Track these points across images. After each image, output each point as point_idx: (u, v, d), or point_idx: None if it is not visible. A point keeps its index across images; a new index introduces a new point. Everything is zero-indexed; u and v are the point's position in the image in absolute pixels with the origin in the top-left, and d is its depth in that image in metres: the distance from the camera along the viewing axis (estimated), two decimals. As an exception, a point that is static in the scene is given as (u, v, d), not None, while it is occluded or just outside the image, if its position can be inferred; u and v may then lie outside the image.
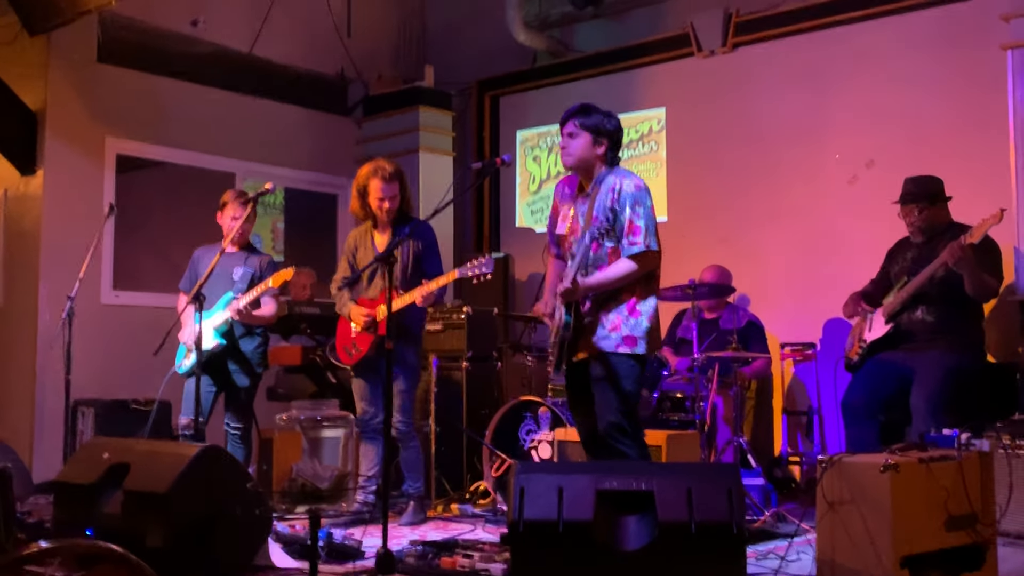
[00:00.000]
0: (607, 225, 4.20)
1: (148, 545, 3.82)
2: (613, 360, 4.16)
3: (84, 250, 6.10)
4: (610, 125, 4.33)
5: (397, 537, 4.78)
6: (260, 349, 5.83)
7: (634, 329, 4.18)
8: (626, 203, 4.17)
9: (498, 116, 8.80)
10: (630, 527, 3.25)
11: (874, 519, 3.27)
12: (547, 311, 4.39)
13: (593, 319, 4.21)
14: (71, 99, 7.20)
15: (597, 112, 4.34)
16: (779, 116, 7.08)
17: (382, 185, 5.39)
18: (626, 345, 4.16)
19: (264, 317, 5.75)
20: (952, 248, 5.08)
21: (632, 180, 4.25)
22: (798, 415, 6.79)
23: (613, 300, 4.21)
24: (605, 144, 4.30)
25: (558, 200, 4.54)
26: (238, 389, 5.75)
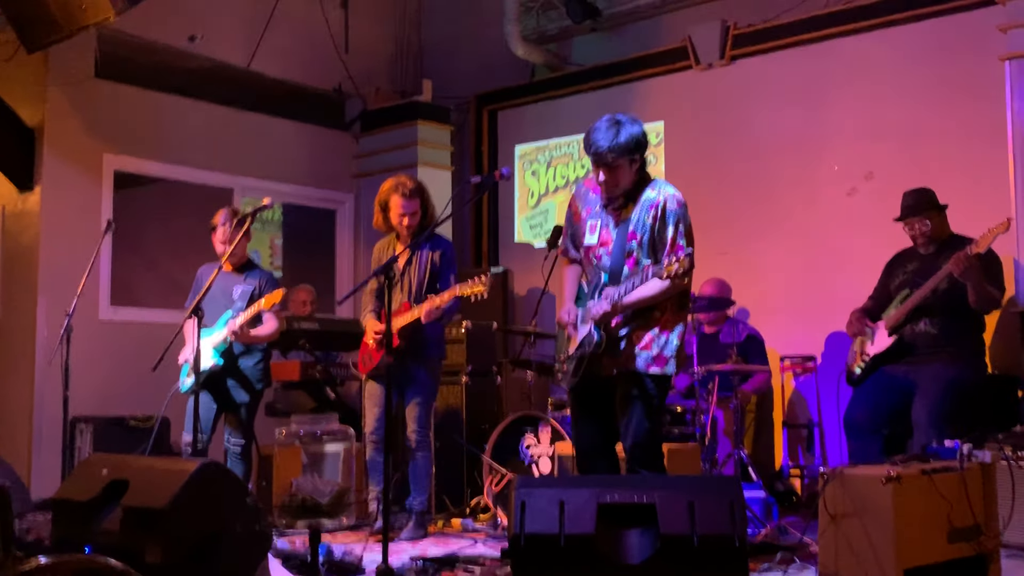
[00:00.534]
0: (647, 242, 4.10)
1: (147, 561, 3.79)
2: (643, 381, 4.09)
3: (82, 266, 6.09)
4: (641, 134, 4.11)
5: (397, 552, 4.75)
6: (260, 366, 5.81)
7: (664, 348, 4.10)
8: (670, 221, 4.07)
9: (496, 130, 8.81)
10: (632, 540, 3.23)
11: (877, 531, 3.26)
12: (571, 319, 4.24)
13: (624, 337, 4.13)
14: (69, 115, 7.20)
15: (625, 126, 4.07)
16: (777, 128, 7.08)
17: (403, 201, 5.39)
18: (657, 365, 4.09)
19: (263, 336, 5.73)
20: (958, 258, 5.06)
21: (675, 195, 4.12)
22: (799, 428, 6.78)
23: (644, 317, 4.12)
24: (640, 159, 4.13)
25: (580, 205, 4.35)
26: (237, 406, 5.73)
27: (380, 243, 5.69)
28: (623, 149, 4.04)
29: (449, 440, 6.39)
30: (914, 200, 5.52)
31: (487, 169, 8.61)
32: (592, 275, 4.24)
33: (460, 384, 6.55)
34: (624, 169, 4.09)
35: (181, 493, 3.91)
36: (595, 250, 4.22)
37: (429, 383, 5.47)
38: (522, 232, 8.51)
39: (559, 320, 4.33)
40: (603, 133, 4.06)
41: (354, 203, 8.91)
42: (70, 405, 5.99)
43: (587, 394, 4.27)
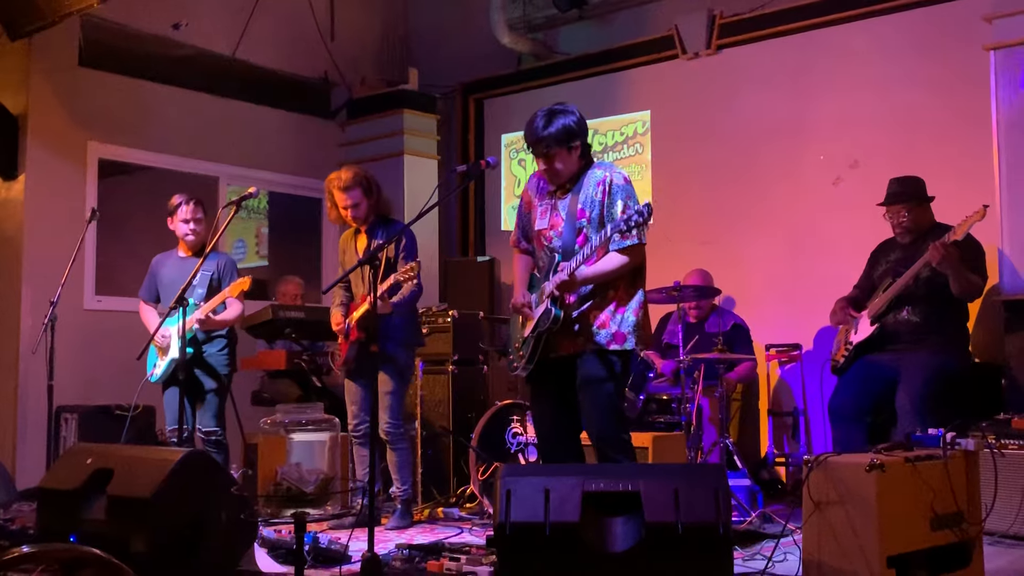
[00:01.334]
0: (596, 219, 4.17)
1: (132, 551, 3.79)
2: (604, 358, 4.14)
3: (66, 255, 6.06)
4: (574, 123, 4.24)
5: (383, 541, 4.76)
6: (225, 351, 5.79)
7: (622, 325, 4.16)
8: (617, 196, 4.17)
9: (483, 119, 8.80)
10: (617, 529, 3.23)
11: (860, 519, 3.27)
12: (526, 301, 4.31)
13: (580, 317, 4.18)
14: (53, 103, 7.15)
15: (557, 117, 4.22)
16: (763, 117, 7.10)
17: (340, 195, 5.48)
18: (616, 342, 4.14)
19: (228, 321, 5.73)
20: (935, 247, 5.09)
21: (620, 173, 4.25)
22: (784, 416, 6.80)
23: (599, 296, 4.19)
24: (579, 145, 4.26)
25: (532, 195, 4.47)
26: (205, 393, 5.71)
27: (344, 234, 5.74)
28: (555, 138, 4.19)
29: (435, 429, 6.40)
30: (897, 188, 5.55)
31: (473, 158, 8.59)
32: (544, 259, 4.30)
33: (446, 373, 6.55)
34: (562, 157, 4.23)
35: (166, 482, 3.91)
36: (546, 233, 4.31)
37: (395, 375, 5.43)
38: (508, 221, 8.51)
39: (513, 304, 4.37)
40: (537, 124, 4.24)
41: (340, 192, 8.87)
42: (55, 394, 5.98)
43: (545, 378, 4.30)
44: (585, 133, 4.29)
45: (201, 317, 5.51)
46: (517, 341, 4.36)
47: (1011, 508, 4.64)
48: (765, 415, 6.79)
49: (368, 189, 5.48)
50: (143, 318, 5.93)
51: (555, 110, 4.25)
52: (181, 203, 5.81)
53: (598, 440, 4.15)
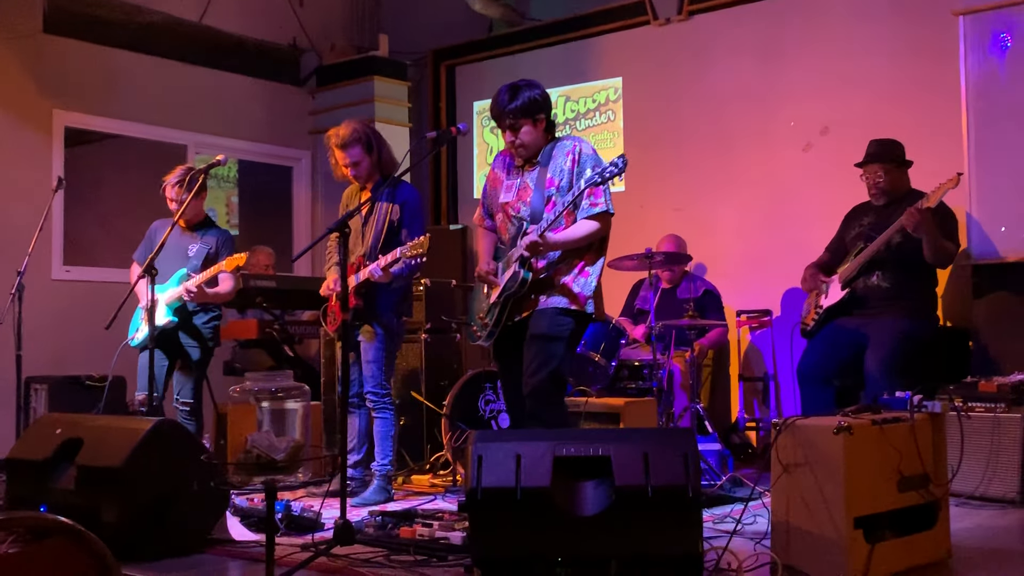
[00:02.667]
0: (565, 187, 4.20)
1: (103, 520, 3.79)
2: (557, 316, 4.16)
3: (33, 225, 6.00)
4: (539, 96, 4.28)
5: (357, 509, 4.77)
6: (212, 324, 5.76)
7: (584, 288, 4.20)
8: (587, 164, 4.19)
9: (454, 86, 8.74)
10: (587, 492, 3.25)
11: (828, 481, 3.30)
12: (492, 268, 4.33)
13: (547, 278, 4.21)
14: (17, 71, 7.06)
15: (522, 91, 4.26)
16: (734, 84, 7.09)
17: (339, 153, 5.26)
18: (575, 303, 4.18)
19: (220, 295, 5.66)
20: (910, 212, 5.12)
21: (589, 144, 4.31)
22: (754, 381, 6.86)
23: (565, 261, 4.23)
24: (543, 120, 4.30)
25: (498, 170, 4.49)
26: (190, 362, 5.68)
27: (349, 190, 5.51)
28: (520, 111, 4.23)
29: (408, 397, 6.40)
30: (875, 149, 5.56)
31: (445, 125, 8.55)
32: (511, 230, 4.33)
33: (419, 341, 6.54)
34: (528, 129, 4.27)
35: (136, 452, 3.91)
36: (513, 204, 4.33)
37: (383, 343, 5.27)
38: (480, 188, 8.48)
39: (478, 272, 4.39)
40: (502, 98, 4.28)
41: (310, 160, 8.84)
42: (23, 365, 5.93)
43: (509, 345, 4.31)
44: (549, 107, 4.34)
45: (192, 289, 5.45)
46: (481, 311, 4.38)
47: (977, 470, 4.71)
48: (736, 380, 6.84)
49: (368, 146, 5.23)
50: (132, 277, 5.82)
51: (519, 84, 4.30)
52: (169, 180, 5.69)
53: (530, 395, 4.12)
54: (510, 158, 4.44)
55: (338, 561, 3.72)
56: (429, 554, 3.77)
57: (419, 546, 3.86)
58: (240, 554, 3.97)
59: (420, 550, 3.82)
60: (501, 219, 4.41)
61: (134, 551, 3.71)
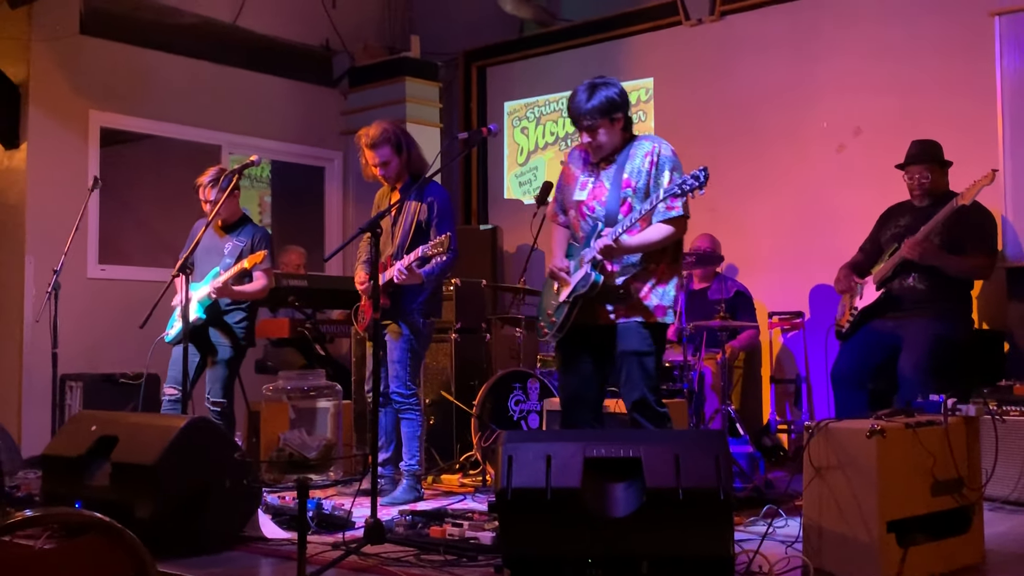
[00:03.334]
0: (642, 188, 4.15)
1: (136, 517, 3.82)
2: (643, 330, 4.13)
3: (69, 224, 6.07)
4: (617, 95, 4.19)
5: (387, 508, 4.79)
6: (244, 323, 5.76)
7: (663, 298, 4.15)
8: (665, 167, 4.15)
9: (485, 87, 8.76)
10: (618, 494, 3.24)
11: (860, 484, 3.28)
12: (564, 266, 4.27)
13: (621, 286, 4.15)
14: (54, 72, 7.14)
15: (599, 90, 4.17)
16: (766, 84, 7.06)
17: (369, 153, 5.28)
18: (656, 315, 4.13)
19: (248, 293, 5.67)
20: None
21: (668, 145, 4.23)
22: (786, 383, 6.82)
23: (642, 267, 4.16)
24: (621, 118, 4.21)
25: (574, 167, 4.40)
26: (220, 361, 5.70)
27: (380, 191, 5.52)
28: (598, 111, 4.15)
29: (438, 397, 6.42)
30: (919, 149, 5.51)
31: (475, 126, 8.56)
32: (585, 229, 4.25)
33: (449, 341, 6.56)
34: (606, 129, 4.19)
35: (170, 449, 3.94)
36: (588, 203, 4.26)
37: (408, 343, 5.24)
38: (511, 189, 8.50)
39: (550, 269, 4.32)
40: (579, 97, 4.19)
41: (342, 160, 8.88)
42: (59, 363, 6.00)
43: (576, 346, 4.27)
44: (627, 105, 4.25)
45: (219, 285, 5.48)
46: (549, 307, 4.32)
47: (1011, 474, 4.66)
48: (767, 382, 6.81)
49: (398, 146, 5.26)
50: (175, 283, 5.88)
51: (597, 83, 4.21)
52: (202, 181, 5.73)
53: (635, 407, 4.13)
54: (587, 154, 4.35)
55: (369, 560, 3.74)
56: (459, 554, 3.78)
57: (449, 546, 3.87)
58: (271, 552, 3.99)
59: (450, 550, 3.82)
60: (575, 216, 4.33)
61: (167, 548, 3.74)
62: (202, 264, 5.53)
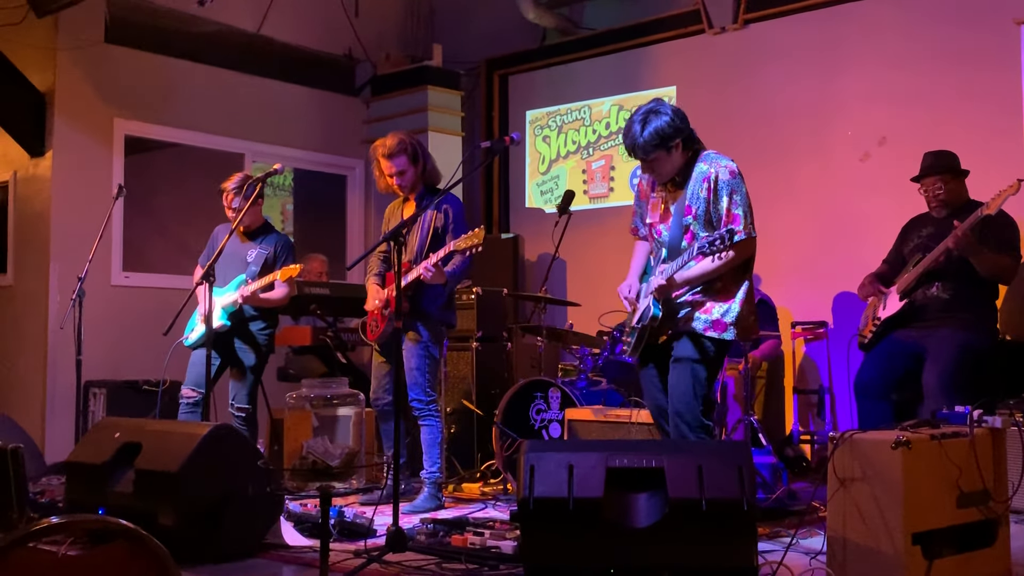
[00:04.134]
0: (702, 215, 4.13)
1: (160, 524, 3.84)
2: (696, 341, 4.12)
3: (94, 231, 6.12)
4: (667, 125, 4.07)
5: (409, 516, 4.79)
6: (267, 331, 5.79)
7: (725, 314, 4.12)
8: (723, 192, 4.10)
9: (507, 96, 8.77)
10: (640, 504, 3.24)
11: (885, 496, 3.26)
12: (631, 295, 4.33)
13: (685, 306, 4.17)
14: (79, 80, 7.19)
15: (651, 120, 4.07)
16: (790, 93, 7.04)
17: (385, 163, 5.34)
18: (715, 329, 4.11)
19: (272, 300, 5.71)
20: (955, 234, 5.05)
21: (727, 166, 4.14)
22: (809, 394, 6.78)
23: (704, 290, 4.16)
24: (679, 143, 4.13)
25: (645, 183, 4.42)
26: (244, 368, 5.72)
27: (391, 205, 5.60)
28: (651, 145, 4.08)
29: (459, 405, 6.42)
30: (932, 161, 5.48)
31: (497, 135, 8.57)
32: (656, 251, 4.33)
33: (470, 350, 6.56)
34: (663, 159, 4.15)
35: (193, 456, 3.95)
36: (656, 226, 4.31)
37: (426, 349, 5.30)
38: (533, 198, 8.50)
39: (621, 293, 4.41)
40: (634, 130, 4.11)
41: (364, 168, 8.89)
42: (83, 369, 6.04)
43: (648, 361, 4.35)
44: (682, 130, 4.14)
45: (247, 294, 5.51)
46: (628, 325, 4.40)
47: (1038, 487, 4.61)
48: (790, 393, 6.77)
49: (414, 156, 5.32)
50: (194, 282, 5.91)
51: (649, 112, 4.11)
52: (225, 189, 5.77)
53: (676, 415, 4.14)
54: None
55: (390, 568, 3.74)
56: (481, 563, 3.77)
57: (471, 555, 3.86)
58: (293, 559, 4.00)
59: (472, 559, 3.82)
60: (648, 235, 4.39)
61: (189, 555, 3.75)
62: (225, 271, 5.56)
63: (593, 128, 8.11)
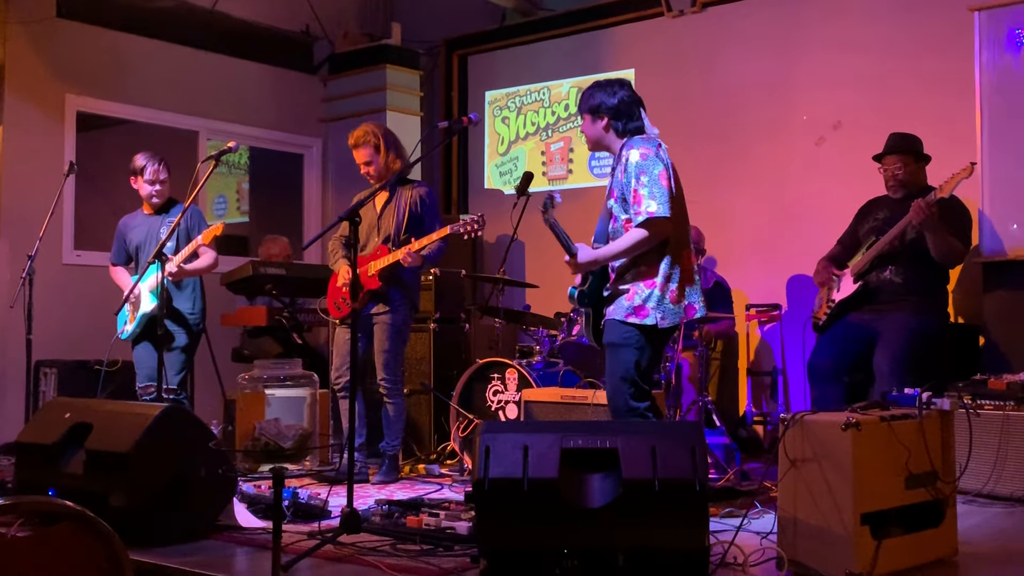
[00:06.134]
0: (620, 199, 4.18)
1: (111, 505, 3.80)
2: (617, 327, 4.15)
3: (44, 209, 6.03)
4: (609, 100, 4.26)
5: (363, 497, 4.78)
6: (196, 307, 5.76)
7: (647, 300, 4.11)
8: (631, 174, 4.13)
9: (466, 76, 8.73)
10: (595, 485, 3.25)
11: (835, 477, 3.30)
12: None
13: (614, 290, 4.21)
14: (30, 55, 7.06)
15: (600, 90, 4.30)
16: (747, 77, 7.07)
17: (355, 152, 5.54)
18: (637, 315, 4.11)
19: (201, 269, 5.69)
20: (918, 205, 5.11)
21: (639, 150, 4.16)
22: (762, 376, 6.84)
23: (629, 271, 4.18)
24: (605, 119, 4.26)
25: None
26: (175, 348, 5.66)
27: (362, 192, 5.65)
28: (582, 102, 4.36)
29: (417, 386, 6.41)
30: (896, 141, 5.56)
31: (456, 115, 8.54)
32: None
33: (428, 331, 6.55)
34: (586, 125, 4.35)
35: (145, 437, 3.91)
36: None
37: (398, 331, 5.47)
38: (491, 179, 8.48)
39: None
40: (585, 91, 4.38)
41: (322, 147, 8.84)
42: (33, 349, 5.95)
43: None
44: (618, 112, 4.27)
45: (173, 269, 5.43)
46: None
47: (985, 468, 4.69)
48: (744, 375, 6.83)
49: (377, 147, 5.50)
50: (116, 280, 5.90)
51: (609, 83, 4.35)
52: (147, 164, 5.75)
53: (609, 403, 4.21)
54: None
55: (344, 549, 3.73)
56: (435, 544, 3.77)
57: (425, 536, 3.86)
58: (246, 541, 3.98)
59: (426, 539, 3.82)
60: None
61: (141, 536, 3.72)
62: (143, 255, 5.64)
63: (552, 110, 8.10)
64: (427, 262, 5.43)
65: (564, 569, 3.19)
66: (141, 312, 5.57)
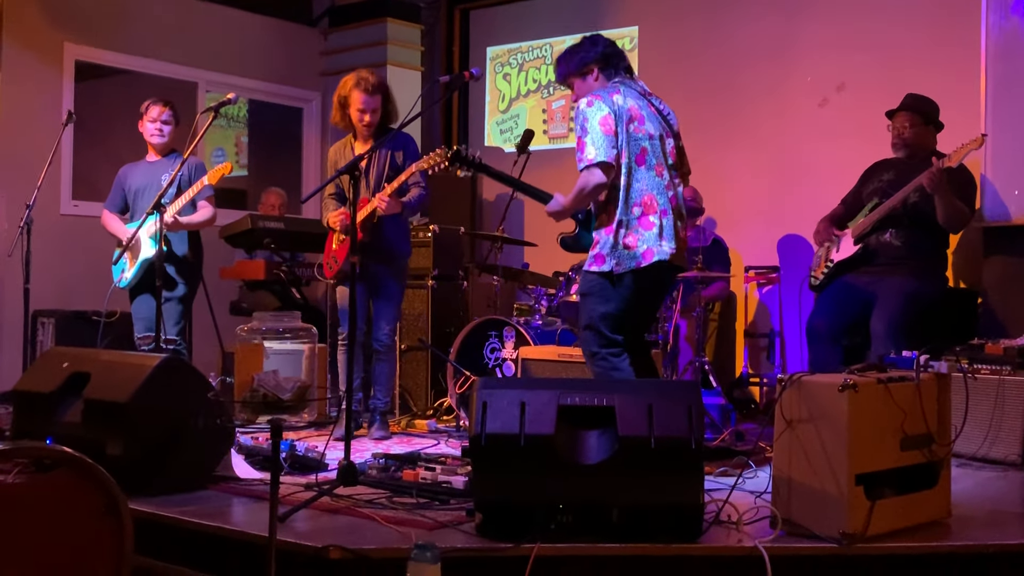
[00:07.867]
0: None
1: (108, 454, 3.81)
2: (584, 277, 4.29)
3: (42, 159, 5.99)
4: (592, 51, 4.33)
5: (360, 450, 4.80)
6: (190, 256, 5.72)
7: (603, 247, 4.19)
8: (577, 123, 4.19)
9: (468, 31, 8.66)
10: (591, 441, 3.26)
11: (831, 437, 3.30)
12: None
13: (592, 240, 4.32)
14: (28, 3, 7.00)
15: (577, 51, 4.37)
16: (751, 37, 7.02)
17: (364, 97, 5.26)
18: (596, 263, 4.20)
19: (194, 223, 5.65)
20: (931, 172, 5.08)
21: (588, 97, 4.20)
22: (759, 337, 6.85)
23: (597, 220, 4.27)
24: (595, 70, 4.34)
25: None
26: (171, 299, 5.62)
27: (335, 145, 5.55)
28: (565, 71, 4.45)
29: (414, 343, 6.41)
30: (909, 100, 5.53)
31: (457, 70, 8.48)
32: None
33: (426, 288, 6.55)
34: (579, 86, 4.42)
35: (143, 387, 3.91)
36: None
37: (395, 284, 5.44)
38: (492, 136, 8.44)
39: None
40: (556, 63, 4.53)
41: (321, 101, 8.78)
42: (31, 299, 5.95)
43: None
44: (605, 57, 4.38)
45: (169, 220, 5.39)
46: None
47: (980, 432, 4.71)
48: (742, 336, 6.84)
49: (389, 97, 5.39)
50: (108, 227, 5.83)
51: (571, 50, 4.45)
52: (150, 104, 5.72)
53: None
54: None
55: (341, 501, 3.75)
56: (431, 497, 3.79)
57: (422, 489, 3.88)
58: (244, 492, 3.99)
59: (422, 493, 3.83)
60: None
61: (138, 486, 3.72)
62: (143, 201, 5.59)
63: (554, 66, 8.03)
64: (408, 209, 5.28)
65: (559, 524, 3.21)
66: (142, 257, 5.54)
